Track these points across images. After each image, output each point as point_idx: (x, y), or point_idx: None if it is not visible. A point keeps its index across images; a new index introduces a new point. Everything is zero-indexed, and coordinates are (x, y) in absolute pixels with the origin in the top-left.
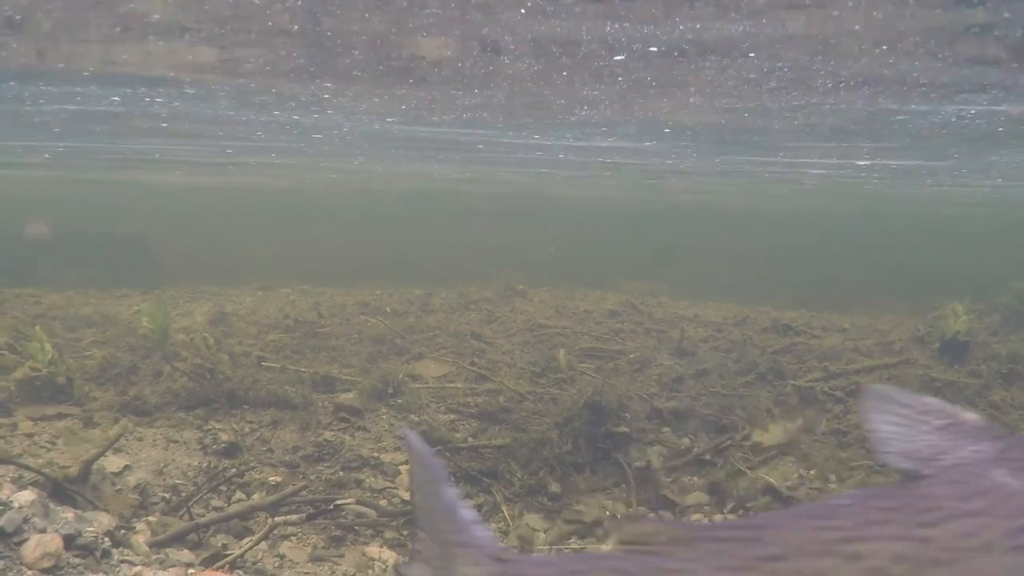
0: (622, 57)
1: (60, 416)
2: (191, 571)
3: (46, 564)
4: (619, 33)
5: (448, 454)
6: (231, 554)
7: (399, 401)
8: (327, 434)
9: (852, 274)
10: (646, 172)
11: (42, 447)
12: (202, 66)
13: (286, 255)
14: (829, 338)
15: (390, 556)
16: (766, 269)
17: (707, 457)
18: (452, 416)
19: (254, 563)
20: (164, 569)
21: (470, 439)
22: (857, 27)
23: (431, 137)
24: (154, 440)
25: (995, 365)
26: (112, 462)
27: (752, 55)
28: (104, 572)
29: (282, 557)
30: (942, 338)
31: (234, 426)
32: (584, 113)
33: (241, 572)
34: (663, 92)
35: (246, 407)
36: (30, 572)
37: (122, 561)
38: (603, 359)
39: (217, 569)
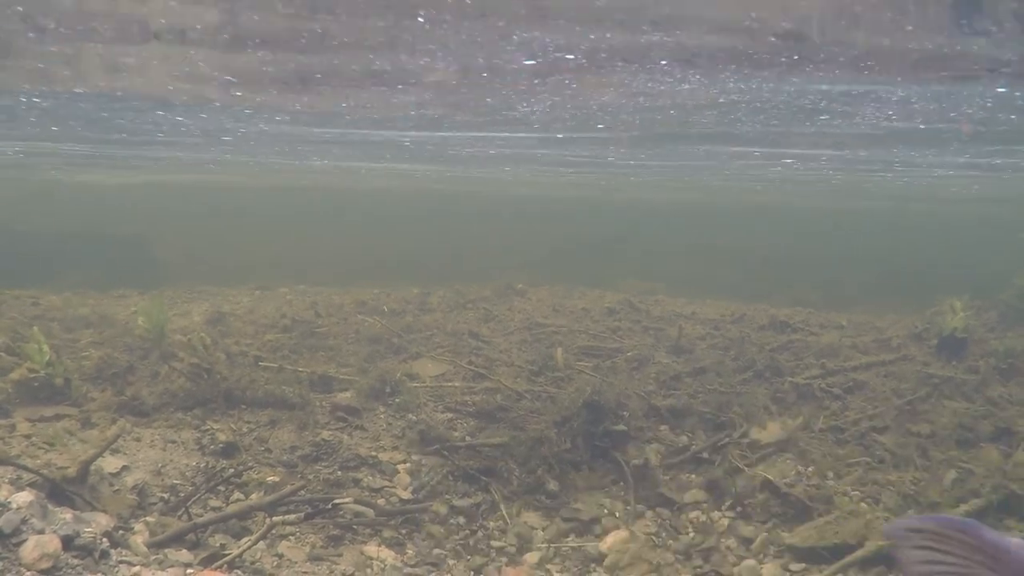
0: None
1: (58, 417)
2: (189, 571)
3: (44, 565)
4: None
5: (446, 453)
6: (229, 554)
7: (397, 400)
8: (325, 433)
9: (849, 271)
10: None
11: (40, 448)
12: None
13: (283, 254)
14: (827, 335)
15: (388, 555)
16: (763, 267)
17: (705, 455)
18: (450, 415)
19: (252, 563)
20: (163, 569)
21: (468, 438)
22: None
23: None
24: (152, 440)
25: (992, 361)
26: (110, 463)
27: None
28: (102, 573)
29: (280, 556)
30: (940, 335)
31: (232, 426)
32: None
33: (239, 572)
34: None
35: (244, 407)
36: (28, 573)
37: (120, 562)
38: (601, 357)
39: (216, 569)
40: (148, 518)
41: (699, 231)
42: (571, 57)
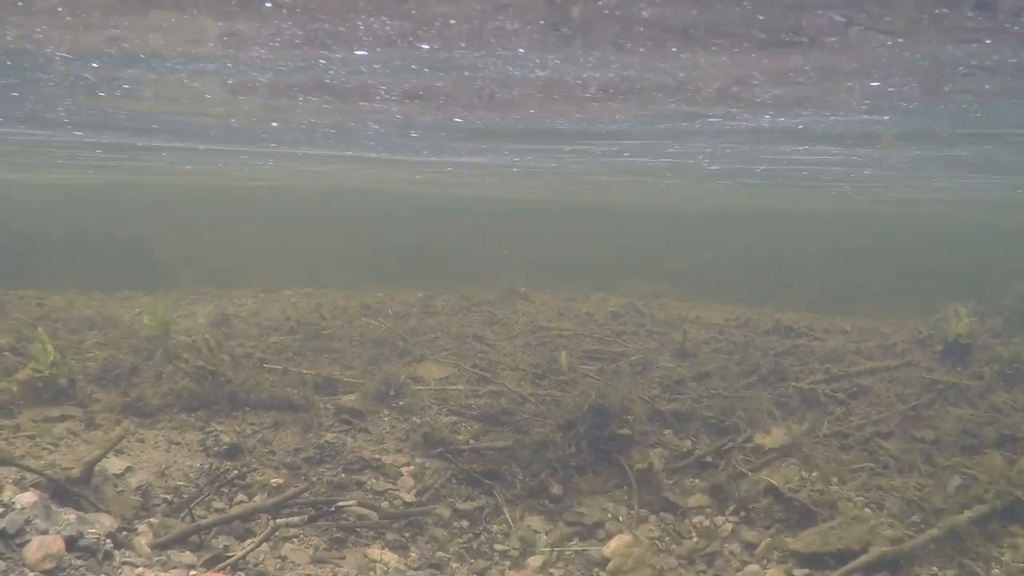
0: None
1: (62, 417)
2: (193, 573)
3: (48, 566)
4: None
5: (450, 456)
6: (233, 556)
7: (401, 403)
8: (329, 436)
9: (854, 276)
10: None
11: (44, 448)
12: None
13: (288, 257)
14: (831, 340)
15: (391, 558)
16: (768, 271)
17: (709, 459)
18: (454, 418)
19: (256, 565)
20: (166, 571)
21: (472, 441)
22: None
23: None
24: (156, 442)
25: (997, 367)
26: (114, 464)
27: None
28: (106, 574)
29: (284, 559)
30: (944, 340)
31: (236, 428)
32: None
33: (243, 574)
34: None
35: (248, 409)
36: (32, 573)
37: (124, 563)
38: (605, 361)
39: (219, 571)
40: (152, 519)
41: (701, 233)
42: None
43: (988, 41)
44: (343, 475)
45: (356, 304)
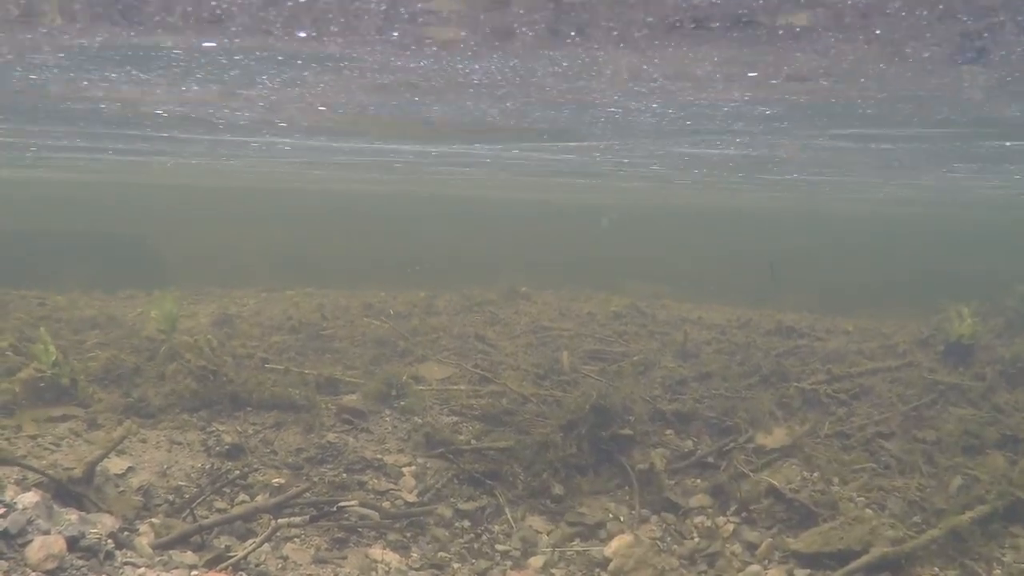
0: None
1: (64, 418)
2: (194, 573)
3: (50, 566)
4: None
5: (451, 456)
6: (234, 556)
7: (403, 403)
8: (330, 436)
9: (856, 277)
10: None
11: (46, 448)
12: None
13: (291, 256)
14: (833, 341)
15: (393, 558)
16: (771, 272)
17: (710, 460)
18: (455, 418)
19: (257, 565)
20: (167, 571)
21: (473, 441)
22: None
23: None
24: (158, 442)
25: (999, 367)
26: (116, 464)
27: None
28: (107, 574)
29: (285, 559)
30: (947, 341)
31: (237, 428)
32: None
33: (244, 574)
34: None
35: (250, 409)
36: (34, 573)
37: (125, 563)
38: (607, 361)
39: (220, 571)
40: (153, 519)
41: (702, 233)
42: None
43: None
44: (345, 475)
45: (358, 304)
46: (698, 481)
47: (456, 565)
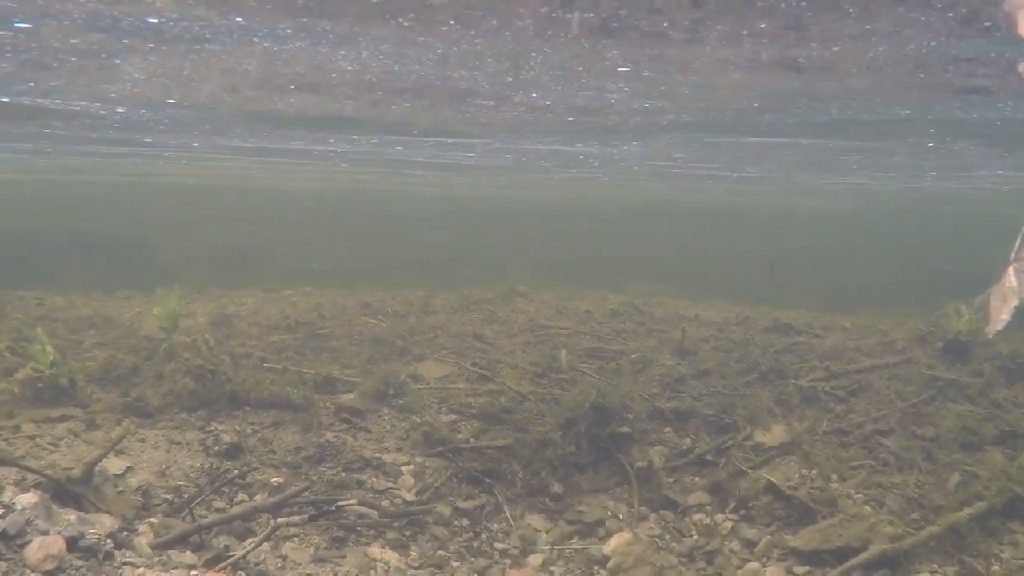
0: None
1: (63, 418)
2: (193, 572)
3: (49, 566)
4: None
5: (450, 455)
6: (233, 555)
7: (401, 402)
8: (329, 435)
9: (854, 274)
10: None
11: (45, 449)
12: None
13: (291, 256)
14: (831, 337)
15: (392, 557)
16: (770, 270)
17: (709, 457)
18: (454, 417)
19: (256, 564)
20: (167, 571)
21: (472, 440)
22: None
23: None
24: (156, 442)
25: (997, 364)
26: (114, 464)
27: None
28: (107, 574)
29: (284, 558)
30: (944, 337)
31: (236, 427)
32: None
33: (243, 573)
34: None
35: (248, 408)
36: (33, 574)
37: (124, 563)
38: (605, 359)
39: (219, 570)
40: (152, 519)
41: (702, 232)
42: None
43: None
44: (343, 474)
45: (355, 303)
46: (697, 479)
47: (455, 563)
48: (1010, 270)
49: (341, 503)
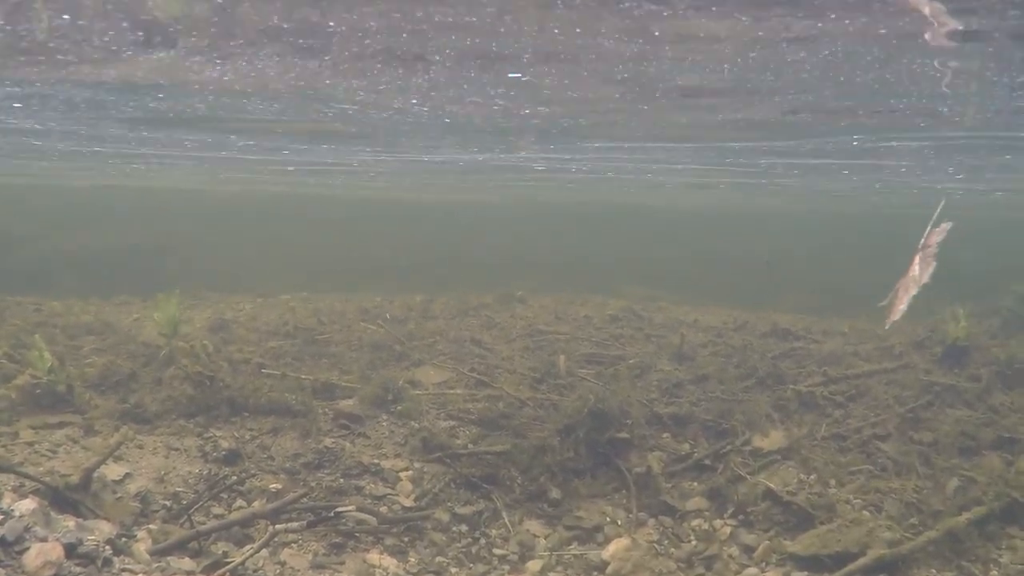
0: None
1: (61, 424)
2: None
3: (47, 573)
4: None
5: (448, 460)
6: (232, 561)
7: (399, 408)
8: (327, 441)
9: (852, 278)
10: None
11: (43, 455)
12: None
13: (286, 261)
14: (829, 343)
15: (390, 563)
16: (768, 274)
17: (707, 462)
18: (452, 422)
19: (255, 570)
20: None
21: (470, 445)
22: None
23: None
24: (154, 448)
25: (995, 368)
26: (113, 470)
27: None
28: None
29: (283, 564)
30: (943, 343)
31: (234, 433)
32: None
33: None
34: None
35: (246, 414)
36: None
37: (123, 569)
38: (603, 365)
39: None
40: (151, 525)
41: (700, 236)
42: None
43: None
44: (342, 480)
45: (354, 308)
46: (695, 484)
47: (454, 570)
48: (916, 259)
49: (339, 509)
